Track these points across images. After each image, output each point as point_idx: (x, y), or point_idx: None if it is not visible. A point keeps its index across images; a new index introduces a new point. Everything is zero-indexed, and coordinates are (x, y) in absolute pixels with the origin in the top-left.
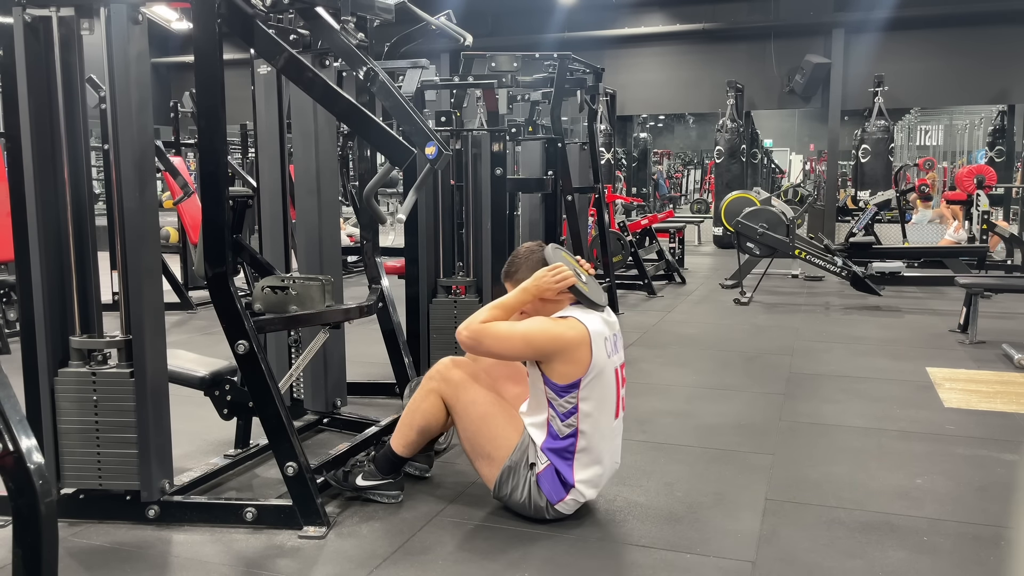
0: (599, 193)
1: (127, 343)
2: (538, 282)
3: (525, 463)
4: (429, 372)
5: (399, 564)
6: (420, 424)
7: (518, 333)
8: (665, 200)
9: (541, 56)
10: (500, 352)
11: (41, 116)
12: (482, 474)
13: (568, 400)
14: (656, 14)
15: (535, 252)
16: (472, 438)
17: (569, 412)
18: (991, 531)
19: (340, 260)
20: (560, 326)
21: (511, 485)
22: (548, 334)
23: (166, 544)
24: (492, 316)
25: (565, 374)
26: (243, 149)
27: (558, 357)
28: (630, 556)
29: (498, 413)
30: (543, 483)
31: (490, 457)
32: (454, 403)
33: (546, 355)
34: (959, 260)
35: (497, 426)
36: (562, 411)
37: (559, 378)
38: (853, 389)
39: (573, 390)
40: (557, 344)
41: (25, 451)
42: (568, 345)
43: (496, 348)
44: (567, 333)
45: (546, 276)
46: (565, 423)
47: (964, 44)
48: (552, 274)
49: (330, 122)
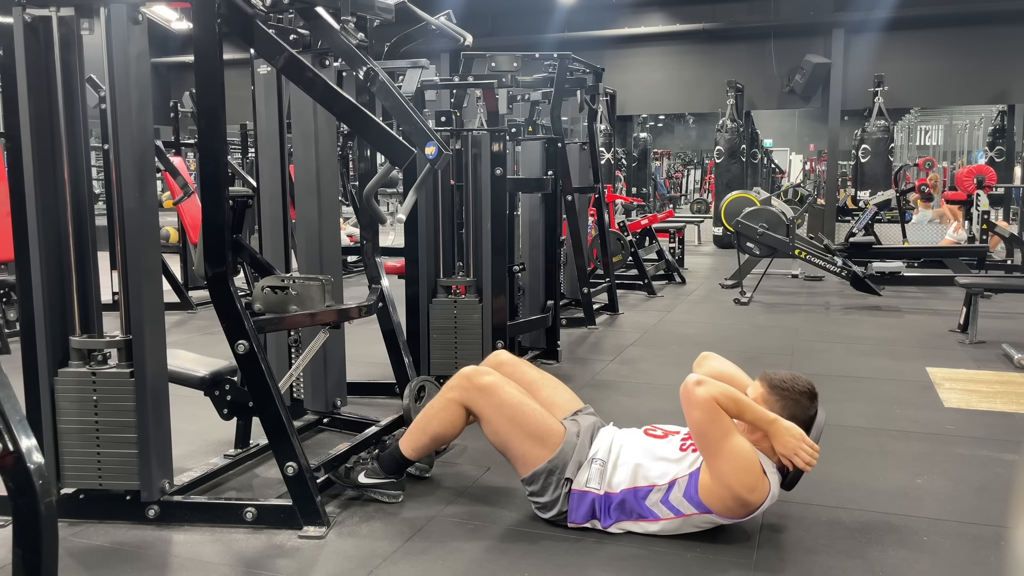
0: (599, 193)
1: (127, 343)
2: (789, 442)
3: (561, 472)
4: (449, 383)
5: (399, 564)
6: (436, 431)
7: (731, 443)
8: (665, 200)
9: (541, 56)
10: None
11: (41, 116)
12: (522, 452)
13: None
14: (656, 14)
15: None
16: (518, 417)
17: (681, 513)
18: (991, 531)
19: (340, 260)
20: (761, 481)
21: (543, 483)
22: (750, 475)
23: (166, 544)
24: (727, 403)
25: (724, 507)
26: (243, 149)
27: (730, 496)
28: (630, 555)
29: (542, 410)
30: (574, 500)
31: (543, 440)
32: (489, 398)
33: (726, 484)
34: (959, 260)
35: (547, 418)
36: (679, 509)
37: (714, 504)
38: (853, 389)
39: (707, 515)
40: (743, 489)
41: (25, 451)
42: (748, 502)
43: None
44: (757, 489)
45: (803, 449)
46: (665, 507)
47: (964, 44)
48: (808, 454)
49: (330, 122)
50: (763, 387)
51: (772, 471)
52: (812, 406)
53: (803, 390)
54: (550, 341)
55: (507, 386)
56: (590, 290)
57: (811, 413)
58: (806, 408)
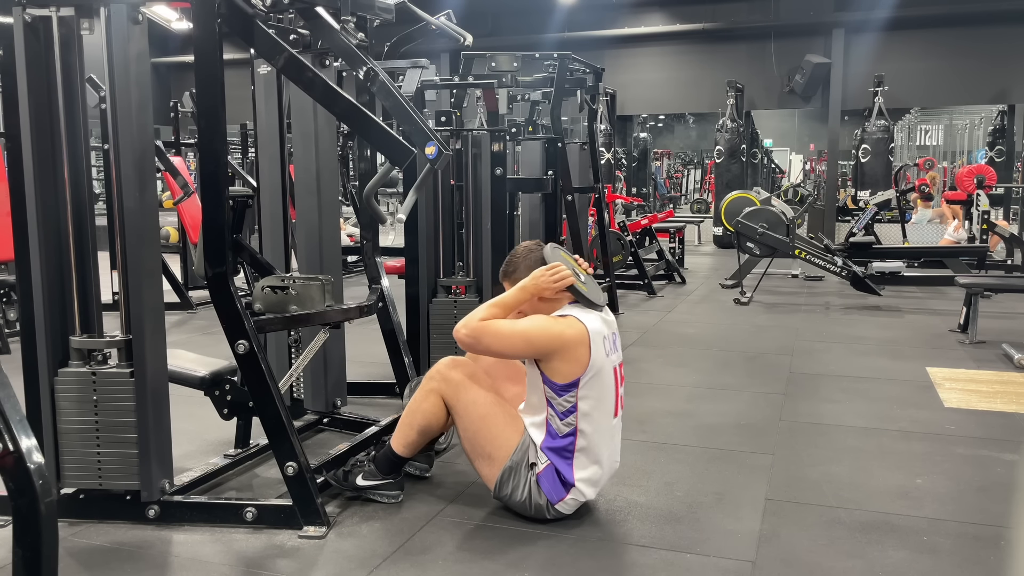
0: (599, 193)
1: (127, 343)
2: (536, 281)
3: (526, 463)
4: (429, 372)
5: (399, 564)
6: (421, 424)
7: (517, 331)
8: (665, 200)
9: (541, 56)
10: (499, 350)
11: (41, 116)
12: (482, 474)
13: (567, 399)
14: (656, 14)
15: (533, 251)
16: (472, 438)
17: (568, 411)
18: (991, 531)
19: (340, 260)
20: (559, 324)
21: (511, 485)
22: (547, 332)
23: (166, 544)
24: (490, 314)
25: (564, 373)
26: (243, 149)
27: (557, 356)
28: (630, 556)
29: (499, 413)
30: (543, 483)
31: (491, 457)
32: (454, 403)
33: (545, 353)
34: (959, 260)
35: (497, 426)
36: (561, 410)
37: (558, 377)
38: (853, 389)
39: (572, 389)
40: (556, 343)
41: (25, 451)
42: (567, 344)
43: (495, 346)
44: (566, 332)
45: (544, 275)
46: (564, 422)
47: (964, 44)
48: (550, 273)
49: (330, 122)
50: (504, 282)
51: (571, 312)
52: (533, 252)
53: (517, 253)
54: None
55: (473, 388)
56: None
57: (536, 256)
58: (532, 260)
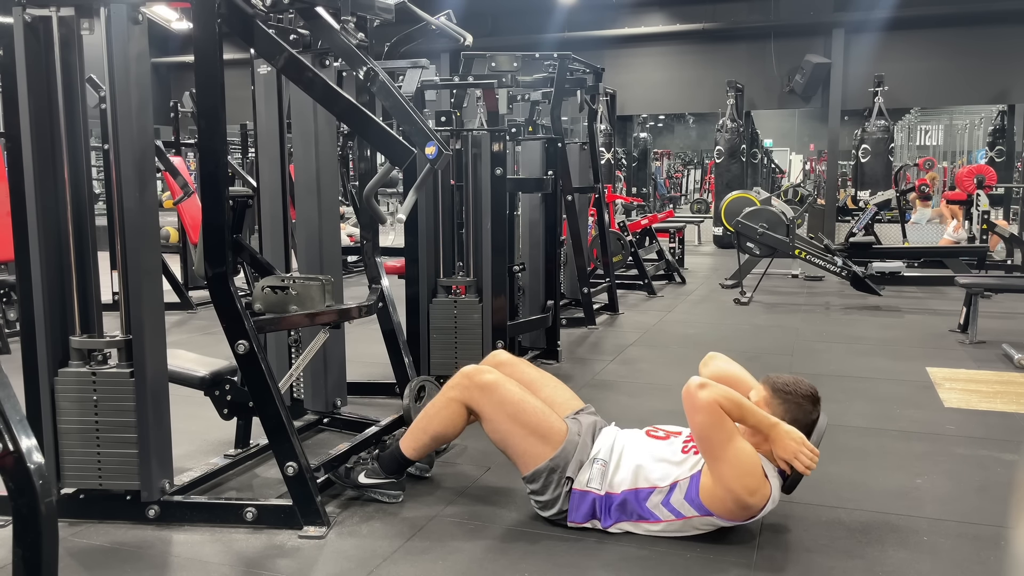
0: (599, 193)
1: (127, 343)
2: (789, 446)
3: (563, 472)
4: (450, 382)
5: (399, 564)
6: (437, 431)
7: (733, 447)
8: (665, 200)
9: (541, 56)
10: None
11: (41, 116)
12: (523, 449)
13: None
14: (656, 14)
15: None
16: (520, 415)
17: (679, 514)
18: (991, 531)
19: (340, 260)
20: (762, 485)
21: (544, 482)
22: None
23: (166, 544)
24: (728, 407)
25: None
26: (243, 149)
27: (732, 499)
28: (630, 555)
29: (544, 407)
30: (575, 500)
31: (544, 438)
32: (490, 395)
33: (727, 487)
34: (959, 260)
35: (547, 413)
36: (678, 508)
37: (715, 507)
38: (853, 389)
39: (709, 517)
40: (744, 492)
41: (25, 451)
42: (749, 505)
43: (705, 429)
44: (758, 492)
45: (803, 452)
46: (667, 509)
47: (964, 44)
48: (808, 458)
49: (330, 122)
50: (766, 390)
51: (773, 474)
52: (814, 410)
53: (805, 394)
54: (550, 341)
55: (508, 384)
56: (590, 290)
57: (813, 417)
58: (808, 412)
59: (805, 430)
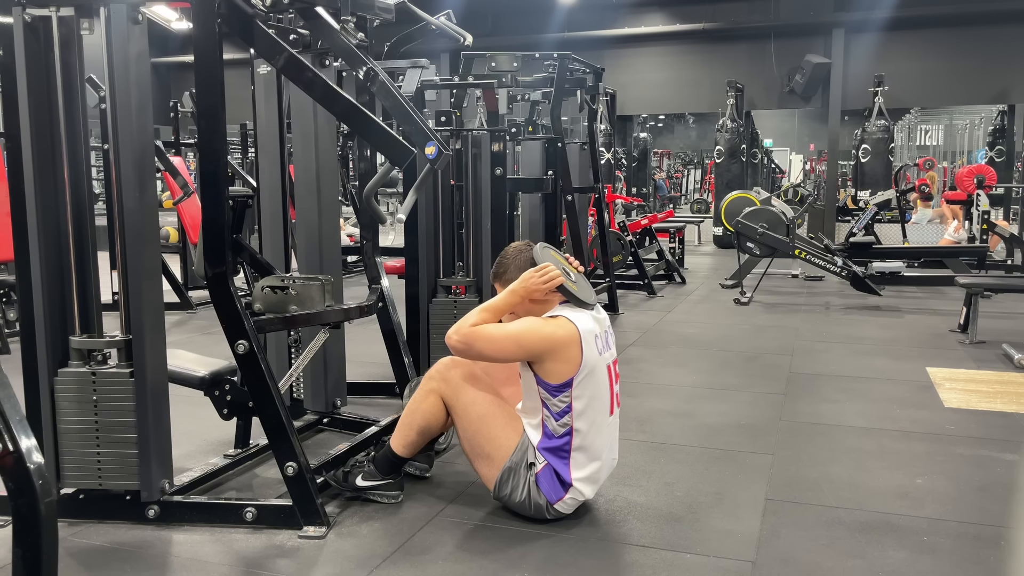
0: (599, 193)
1: (127, 343)
2: (526, 283)
3: (525, 464)
4: (429, 372)
5: (399, 564)
6: (420, 424)
7: (509, 335)
8: (665, 200)
9: (541, 56)
10: (492, 355)
11: (41, 116)
12: (482, 474)
13: (561, 399)
14: (656, 14)
15: (523, 252)
16: (472, 438)
17: (563, 411)
18: (991, 531)
19: (340, 260)
20: (550, 326)
21: (511, 486)
22: (538, 334)
23: (166, 544)
24: (481, 319)
25: (557, 373)
26: (243, 149)
27: (549, 357)
28: (630, 556)
29: (498, 413)
30: (542, 483)
31: (490, 457)
32: (454, 403)
33: (537, 355)
34: (959, 260)
35: (496, 426)
36: (556, 410)
37: (551, 377)
38: (853, 389)
39: (566, 389)
40: (548, 344)
41: (25, 451)
42: (558, 344)
43: (487, 351)
44: (557, 332)
45: (533, 277)
46: (560, 422)
47: (964, 44)
48: (540, 274)
49: (330, 122)
50: (496, 284)
51: (556, 314)
52: (522, 255)
53: (507, 254)
54: None
55: (474, 386)
56: None
57: (526, 258)
58: (521, 262)
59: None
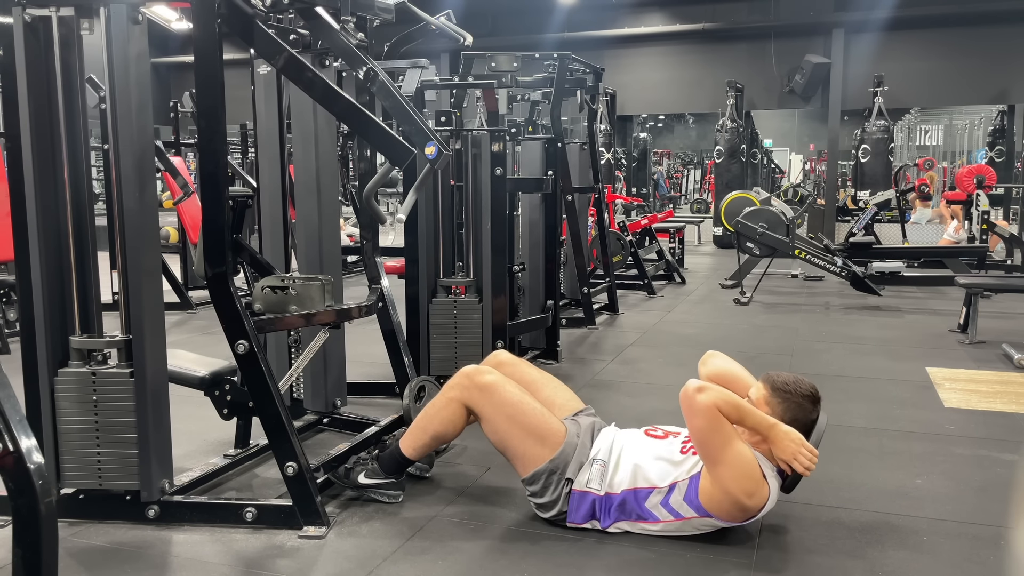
0: (599, 193)
1: (127, 343)
2: (788, 446)
3: (563, 474)
4: (450, 381)
5: (399, 564)
6: (437, 431)
7: (732, 449)
8: (665, 200)
9: (541, 56)
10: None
11: (41, 116)
12: (521, 451)
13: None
14: (656, 14)
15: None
16: (520, 417)
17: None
18: (991, 531)
19: (340, 260)
20: (760, 486)
21: (543, 484)
22: (750, 481)
23: (166, 544)
24: (726, 410)
25: (727, 514)
26: (243, 149)
27: (730, 501)
28: (630, 556)
29: (543, 409)
30: (574, 500)
31: (543, 440)
32: (491, 396)
33: (726, 489)
34: (959, 260)
35: (547, 415)
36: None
37: (719, 511)
38: (853, 389)
39: (707, 518)
40: (742, 494)
41: (25, 451)
42: (747, 507)
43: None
44: (757, 494)
45: (802, 454)
46: (664, 508)
47: (964, 44)
48: (807, 459)
49: (330, 122)
50: (766, 389)
51: (772, 475)
52: (814, 410)
53: (805, 393)
54: (550, 341)
55: (508, 385)
56: (590, 290)
57: (812, 416)
58: (808, 411)
59: (804, 429)
